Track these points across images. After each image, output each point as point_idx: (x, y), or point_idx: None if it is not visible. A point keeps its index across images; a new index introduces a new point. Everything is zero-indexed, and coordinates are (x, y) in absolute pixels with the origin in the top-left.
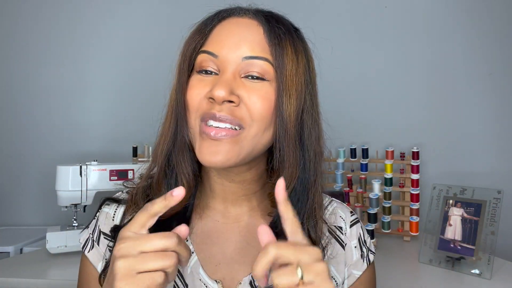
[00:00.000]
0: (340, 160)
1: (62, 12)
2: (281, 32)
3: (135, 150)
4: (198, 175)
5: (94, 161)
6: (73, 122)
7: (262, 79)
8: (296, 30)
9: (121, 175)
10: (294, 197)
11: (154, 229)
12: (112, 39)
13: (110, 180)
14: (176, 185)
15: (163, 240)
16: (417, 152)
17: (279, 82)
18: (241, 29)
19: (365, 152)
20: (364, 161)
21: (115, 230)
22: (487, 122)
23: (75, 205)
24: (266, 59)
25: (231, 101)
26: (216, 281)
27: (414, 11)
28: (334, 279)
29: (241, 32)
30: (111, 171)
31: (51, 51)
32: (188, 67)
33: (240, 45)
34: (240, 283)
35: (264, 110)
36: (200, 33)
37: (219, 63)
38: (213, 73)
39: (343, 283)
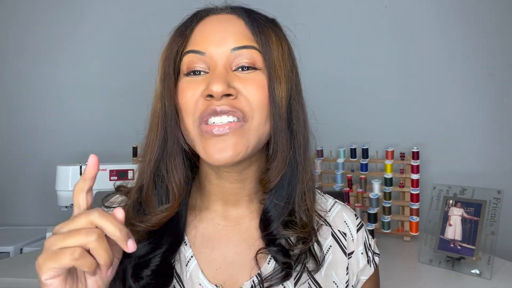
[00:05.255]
0: (340, 160)
1: (60, 11)
2: (261, 21)
3: (135, 150)
4: (190, 179)
5: None
6: (73, 122)
7: (253, 68)
8: (273, 20)
9: (121, 175)
10: (285, 181)
11: (148, 236)
12: (112, 38)
13: (110, 180)
14: (167, 194)
15: (84, 216)
16: (417, 152)
17: (269, 69)
18: (223, 24)
19: (365, 152)
20: (364, 161)
21: None
22: (487, 122)
23: None
24: (253, 47)
25: (229, 95)
26: (216, 285)
27: (414, 11)
28: (335, 284)
29: (223, 27)
30: (111, 171)
31: (50, 51)
32: (173, 71)
33: (225, 39)
34: (241, 287)
35: (263, 98)
36: (181, 35)
37: (207, 60)
38: (202, 73)
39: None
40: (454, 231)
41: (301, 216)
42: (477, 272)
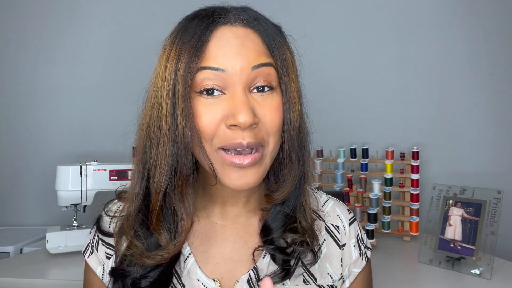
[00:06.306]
0: (340, 160)
1: (58, 11)
2: (277, 36)
3: (135, 150)
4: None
5: (94, 161)
6: (73, 122)
7: (270, 87)
8: (278, 27)
9: (121, 175)
10: (294, 194)
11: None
12: (111, 38)
13: (110, 180)
14: (175, 221)
15: None
16: (417, 152)
17: (285, 91)
18: (241, 40)
19: (365, 152)
20: (364, 161)
21: (113, 273)
22: (487, 122)
23: (75, 205)
24: (271, 65)
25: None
26: (214, 280)
27: (414, 11)
28: (330, 275)
29: (242, 43)
30: (111, 171)
31: (50, 51)
32: (187, 89)
33: (246, 55)
34: (238, 281)
35: (279, 122)
36: (197, 50)
37: (226, 78)
38: (215, 91)
39: (338, 280)
40: (454, 231)
41: (300, 220)
42: (477, 272)
